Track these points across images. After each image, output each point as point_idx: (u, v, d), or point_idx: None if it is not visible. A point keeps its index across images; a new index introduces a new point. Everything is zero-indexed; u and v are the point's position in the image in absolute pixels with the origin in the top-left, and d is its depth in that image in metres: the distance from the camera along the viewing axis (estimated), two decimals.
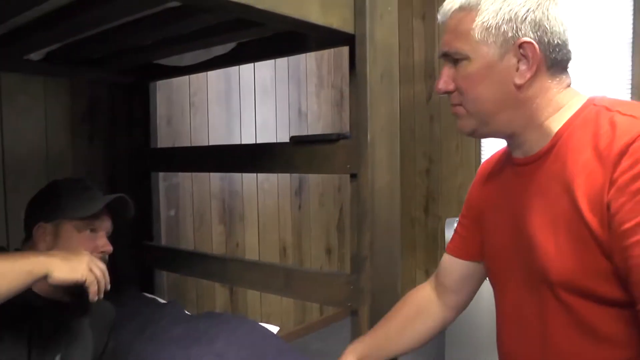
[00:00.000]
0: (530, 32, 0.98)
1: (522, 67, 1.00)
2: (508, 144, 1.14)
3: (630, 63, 2.98)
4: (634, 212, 0.84)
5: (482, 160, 3.74)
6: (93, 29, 1.61)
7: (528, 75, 1.00)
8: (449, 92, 1.08)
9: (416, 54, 3.97)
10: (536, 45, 0.98)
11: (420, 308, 1.35)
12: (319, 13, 1.32)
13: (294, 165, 1.75)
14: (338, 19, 1.38)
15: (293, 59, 3.53)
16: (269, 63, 3.35)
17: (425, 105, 3.92)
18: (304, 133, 3.63)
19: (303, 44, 1.70)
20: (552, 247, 0.97)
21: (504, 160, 1.19)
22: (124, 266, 2.26)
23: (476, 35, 1.00)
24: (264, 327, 1.85)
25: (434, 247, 3.91)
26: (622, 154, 0.87)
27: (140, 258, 2.38)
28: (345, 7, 1.40)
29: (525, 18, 0.98)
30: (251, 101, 3.25)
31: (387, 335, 1.34)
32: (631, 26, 2.98)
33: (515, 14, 0.98)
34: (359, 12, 1.41)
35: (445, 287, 1.32)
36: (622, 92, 2.98)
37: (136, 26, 1.57)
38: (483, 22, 1.00)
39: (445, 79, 1.08)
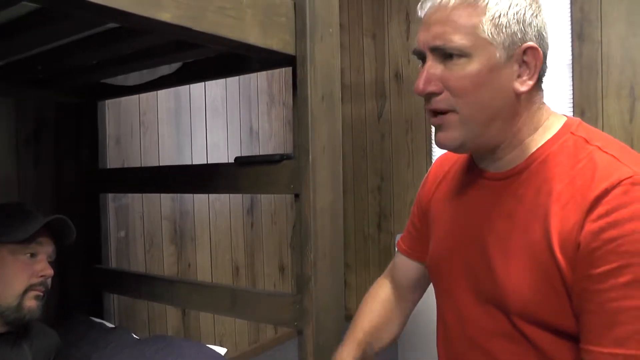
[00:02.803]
0: (534, 38, 0.92)
1: (524, 74, 0.92)
2: (480, 156, 1.05)
3: (570, 84, 3.12)
4: (603, 260, 0.82)
5: None
6: (33, 49, 1.59)
7: (531, 84, 0.93)
8: (432, 94, 0.95)
9: (367, 73, 4.03)
10: (541, 53, 0.92)
11: (389, 309, 1.32)
12: (259, 35, 1.33)
13: (239, 186, 1.75)
14: (278, 41, 1.39)
15: (244, 77, 3.52)
16: (220, 82, 3.34)
17: (376, 124, 3.97)
18: (256, 152, 3.63)
19: (247, 65, 1.71)
20: (514, 276, 0.93)
21: (466, 165, 1.12)
22: (72, 290, 2.22)
23: (485, 31, 0.90)
24: (211, 349, 1.83)
25: (386, 263, 3.88)
26: (600, 198, 0.83)
27: (89, 281, 2.33)
28: (286, 30, 1.41)
29: (531, 22, 0.91)
30: (202, 120, 3.24)
31: (375, 325, 1.29)
32: (570, 49, 3.14)
33: (523, 15, 0.91)
34: (299, 34, 1.43)
35: (404, 288, 1.31)
36: (564, 110, 3.07)
37: (79, 46, 1.55)
38: (494, 18, 0.89)
39: (428, 78, 0.94)
